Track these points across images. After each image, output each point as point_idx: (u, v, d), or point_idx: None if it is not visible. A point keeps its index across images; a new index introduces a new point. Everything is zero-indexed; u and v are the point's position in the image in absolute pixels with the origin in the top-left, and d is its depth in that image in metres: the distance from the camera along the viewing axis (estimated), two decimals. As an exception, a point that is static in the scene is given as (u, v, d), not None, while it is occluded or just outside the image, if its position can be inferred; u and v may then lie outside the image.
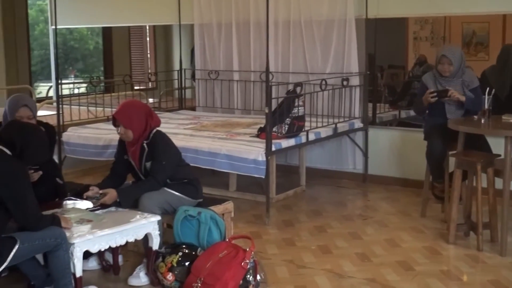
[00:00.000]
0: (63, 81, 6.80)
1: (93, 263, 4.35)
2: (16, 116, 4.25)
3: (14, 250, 3.32)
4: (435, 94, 5.16)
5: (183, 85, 8.19)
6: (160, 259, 3.99)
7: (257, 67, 7.32)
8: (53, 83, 9.16)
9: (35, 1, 14.66)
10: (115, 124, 4.27)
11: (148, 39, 12.45)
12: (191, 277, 3.80)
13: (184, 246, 4.04)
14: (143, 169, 4.28)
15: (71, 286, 3.57)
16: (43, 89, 12.47)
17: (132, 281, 4.10)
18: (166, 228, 4.37)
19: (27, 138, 3.51)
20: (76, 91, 8.67)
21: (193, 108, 8.13)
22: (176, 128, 6.47)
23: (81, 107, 7.51)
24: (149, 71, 11.79)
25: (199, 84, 7.90)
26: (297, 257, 4.61)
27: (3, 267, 3.31)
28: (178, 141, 4.82)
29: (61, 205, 4.19)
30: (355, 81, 6.66)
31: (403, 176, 6.59)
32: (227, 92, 7.62)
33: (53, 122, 5.76)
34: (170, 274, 3.91)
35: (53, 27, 7.22)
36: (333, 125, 6.31)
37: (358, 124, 6.69)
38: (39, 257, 3.77)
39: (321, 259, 4.56)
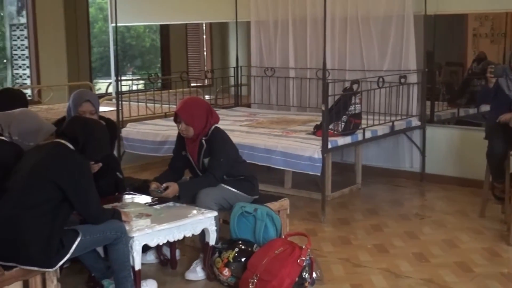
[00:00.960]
0: (122, 78, 6.93)
1: (151, 257, 4.42)
2: (79, 111, 4.33)
3: (76, 242, 3.40)
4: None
5: (239, 82, 8.23)
6: (217, 254, 4.03)
7: (313, 64, 7.30)
8: (112, 80, 9.34)
9: (95, -1, 14.98)
10: (176, 120, 4.32)
11: (204, 36, 12.57)
12: (247, 273, 3.82)
13: (240, 242, 4.07)
14: (201, 165, 4.33)
15: (130, 279, 3.63)
16: (101, 85, 12.74)
17: (189, 275, 4.15)
18: (222, 223, 4.41)
19: (89, 133, 3.58)
20: (133, 87, 8.83)
21: (248, 105, 8.17)
22: (232, 125, 6.52)
23: (139, 103, 7.64)
24: (205, 68, 11.91)
25: (255, 81, 7.93)
26: (353, 255, 4.59)
27: (65, 258, 3.40)
28: (234, 138, 4.85)
29: (120, 199, 4.29)
30: (412, 78, 6.57)
31: (461, 176, 6.46)
32: (283, 89, 7.62)
33: (112, 118, 5.87)
34: (227, 269, 3.95)
35: (113, 24, 7.36)
36: (390, 123, 6.24)
37: (415, 122, 6.59)
38: (100, 250, 3.86)
39: (377, 258, 4.52)
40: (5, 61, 12.43)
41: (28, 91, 9.38)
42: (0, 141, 3.59)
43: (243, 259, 3.95)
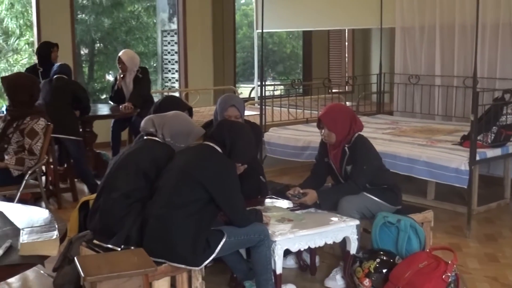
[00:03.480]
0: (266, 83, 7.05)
1: (290, 262, 4.46)
2: (224, 115, 4.44)
3: (221, 243, 3.50)
4: None
5: (381, 89, 8.11)
6: (358, 263, 3.98)
7: (460, 72, 7.04)
8: (255, 85, 9.54)
9: (240, 6, 15.41)
10: (319, 126, 4.33)
11: (346, 43, 12.52)
12: (389, 285, 3.74)
13: (382, 252, 3.99)
14: (343, 172, 4.30)
15: (271, 282, 3.68)
16: (242, 89, 13.06)
17: (329, 283, 4.14)
18: (362, 232, 4.35)
19: (236, 136, 3.67)
20: (273, 93, 8.96)
21: (390, 113, 8.03)
22: (374, 133, 6.42)
23: (281, 108, 7.74)
24: (346, 74, 11.86)
25: (398, 88, 7.77)
26: (501, 274, 4.35)
27: (211, 258, 3.51)
28: (376, 146, 4.77)
29: (263, 202, 4.35)
30: None
31: None
32: (427, 97, 7.41)
33: (255, 122, 5.98)
34: (367, 279, 3.89)
35: (258, 31, 7.52)
36: (545, 136, 5.86)
37: None
38: (242, 251, 3.94)
39: (527, 279, 4.27)
40: (155, 65, 13.12)
41: (176, 94, 9.81)
42: (154, 142, 3.76)
43: (384, 270, 3.88)
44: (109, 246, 3.43)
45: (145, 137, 3.83)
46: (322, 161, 4.45)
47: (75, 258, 3.05)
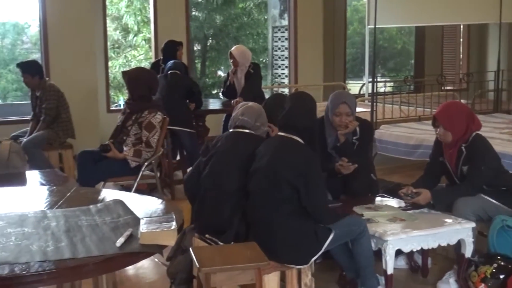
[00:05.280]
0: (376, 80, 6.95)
1: (401, 262, 4.36)
2: (335, 112, 4.37)
3: (330, 238, 3.47)
4: None
5: (499, 87, 7.77)
6: (473, 267, 3.84)
7: None
8: (365, 81, 9.42)
9: (351, 1, 15.25)
10: (434, 124, 4.20)
11: (461, 39, 12.10)
12: (507, 292, 3.59)
13: (499, 257, 3.83)
14: (459, 172, 4.15)
15: (375, 275, 3.67)
16: (351, 86, 12.93)
17: (442, 286, 4.01)
18: (478, 236, 4.19)
19: (312, 122, 3.62)
20: (382, 89, 8.80)
21: (508, 112, 7.69)
22: (491, 132, 6.16)
23: (393, 105, 7.60)
24: (460, 71, 11.46)
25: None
26: None
27: (318, 254, 3.49)
28: (494, 146, 4.59)
29: (373, 201, 4.29)
30: None
31: None
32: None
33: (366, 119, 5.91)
34: (483, 285, 3.75)
35: (370, 26, 7.41)
36: None
37: None
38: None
39: None
40: (265, 61, 13.25)
41: (285, 90, 9.86)
42: (247, 135, 3.81)
43: (501, 276, 3.72)
44: (220, 243, 3.49)
45: (235, 130, 3.84)
46: (436, 161, 4.32)
47: (190, 249, 3.13)
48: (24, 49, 12.89)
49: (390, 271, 3.65)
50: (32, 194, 3.46)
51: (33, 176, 4.57)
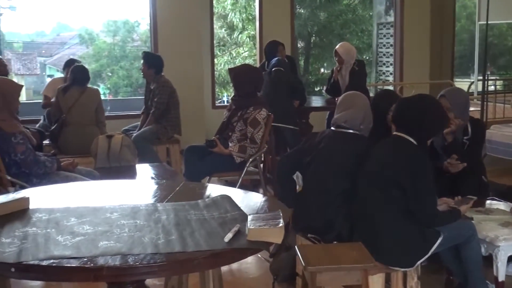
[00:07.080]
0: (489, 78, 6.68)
1: (512, 269, 4.18)
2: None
3: (437, 242, 3.36)
4: None
5: None
6: None
7: None
8: (474, 79, 9.08)
9: (460, -3, 14.75)
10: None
11: None
12: None
13: None
14: None
15: (485, 281, 3.53)
16: (459, 84, 12.50)
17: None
18: None
19: (424, 119, 3.44)
20: (492, 88, 8.45)
21: None
22: None
23: (505, 104, 7.28)
24: None
25: None
26: None
27: (425, 257, 3.39)
28: None
29: (483, 204, 4.12)
30: None
31: None
32: None
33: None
34: None
35: (480, 22, 7.13)
36: None
37: None
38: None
39: None
40: (368, 58, 13.07)
41: (390, 88, 9.68)
42: (350, 136, 3.75)
43: None
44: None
45: (339, 130, 3.79)
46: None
47: (296, 247, 3.13)
48: (134, 47, 13.37)
49: (501, 278, 3.51)
50: (142, 187, 3.56)
51: (143, 169, 4.72)
